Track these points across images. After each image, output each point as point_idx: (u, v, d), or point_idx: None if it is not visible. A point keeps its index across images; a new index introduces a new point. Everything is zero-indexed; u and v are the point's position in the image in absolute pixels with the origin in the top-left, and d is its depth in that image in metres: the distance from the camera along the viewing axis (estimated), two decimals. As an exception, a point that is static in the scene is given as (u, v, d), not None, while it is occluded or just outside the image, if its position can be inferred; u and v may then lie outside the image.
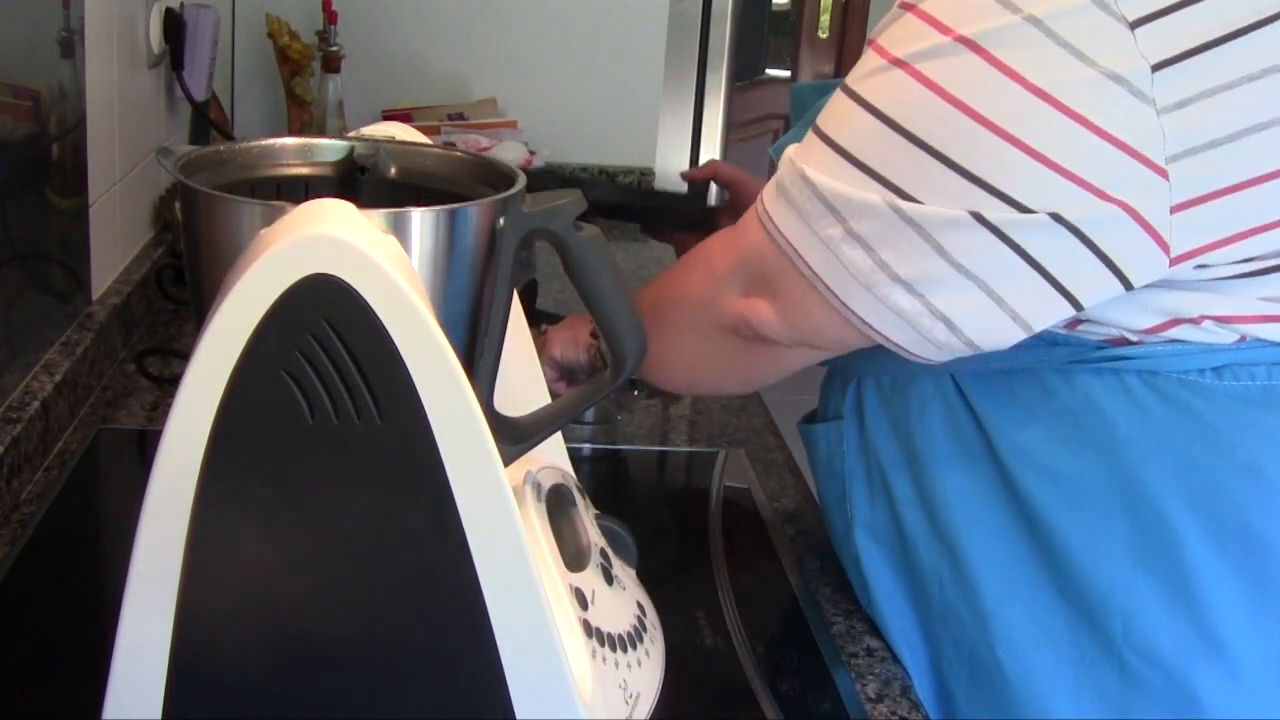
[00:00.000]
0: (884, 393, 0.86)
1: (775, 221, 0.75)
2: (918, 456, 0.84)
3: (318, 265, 0.57)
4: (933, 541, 0.83)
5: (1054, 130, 0.65)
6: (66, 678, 0.78)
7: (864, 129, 0.71)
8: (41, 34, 1.11)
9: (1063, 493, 0.76)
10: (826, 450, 0.92)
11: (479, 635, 0.61)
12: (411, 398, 0.58)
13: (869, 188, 0.70)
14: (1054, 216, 0.67)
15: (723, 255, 0.81)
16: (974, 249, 0.69)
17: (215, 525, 0.59)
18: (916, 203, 0.69)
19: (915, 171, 0.69)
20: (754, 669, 0.85)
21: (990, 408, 0.79)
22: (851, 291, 0.72)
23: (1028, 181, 0.66)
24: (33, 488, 1.02)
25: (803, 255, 0.73)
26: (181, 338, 1.38)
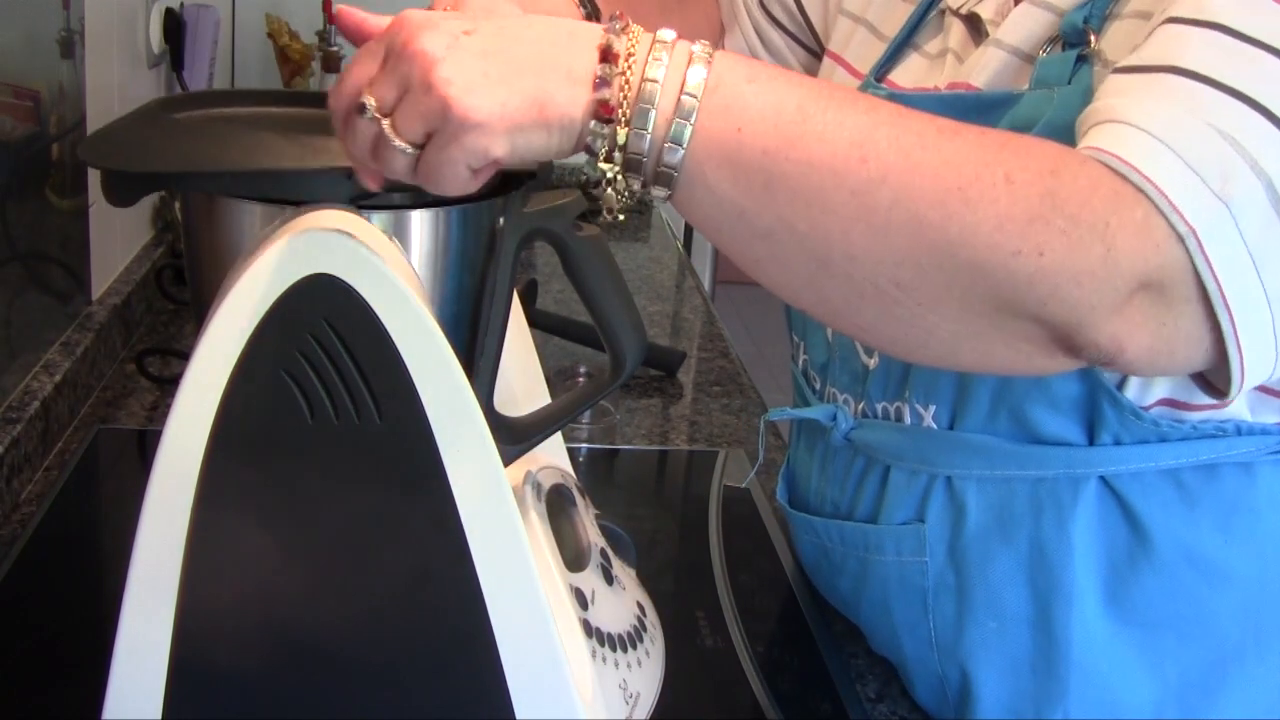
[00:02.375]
0: (991, 495, 0.73)
1: (1198, 231, 0.55)
2: (1048, 571, 0.72)
3: (318, 265, 0.57)
4: (1059, 665, 0.73)
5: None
6: (66, 678, 0.78)
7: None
8: (42, 34, 1.11)
9: (1238, 594, 0.70)
10: (898, 559, 0.78)
11: (479, 635, 0.61)
12: (411, 398, 0.58)
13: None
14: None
15: (1133, 249, 0.54)
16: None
17: (215, 525, 0.59)
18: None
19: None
20: (754, 669, 0.85)
21: (1157, 509, 0.69)
22: (1251, 310, 0.57)
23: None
24: (33, 488, 1.02)
25: (1215, 267, 0.55)
26: (181, 338, 1.38)
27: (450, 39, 0.53)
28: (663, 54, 0.54)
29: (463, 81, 0.53)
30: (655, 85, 0.54)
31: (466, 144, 0.53)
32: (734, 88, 0.54)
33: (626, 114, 0.54)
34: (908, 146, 0.54)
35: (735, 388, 1.37)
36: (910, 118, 0.55)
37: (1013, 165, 0.54)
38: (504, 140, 0.53)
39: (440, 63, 0.53)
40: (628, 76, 0.54)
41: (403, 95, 0.54)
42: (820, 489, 0.85)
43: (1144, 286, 0.55)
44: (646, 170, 0.55)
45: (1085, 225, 0.54)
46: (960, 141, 0.55)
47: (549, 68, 0.54)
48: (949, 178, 0.53)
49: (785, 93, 0.54)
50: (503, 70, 0.53)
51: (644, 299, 1.64)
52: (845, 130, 0.54)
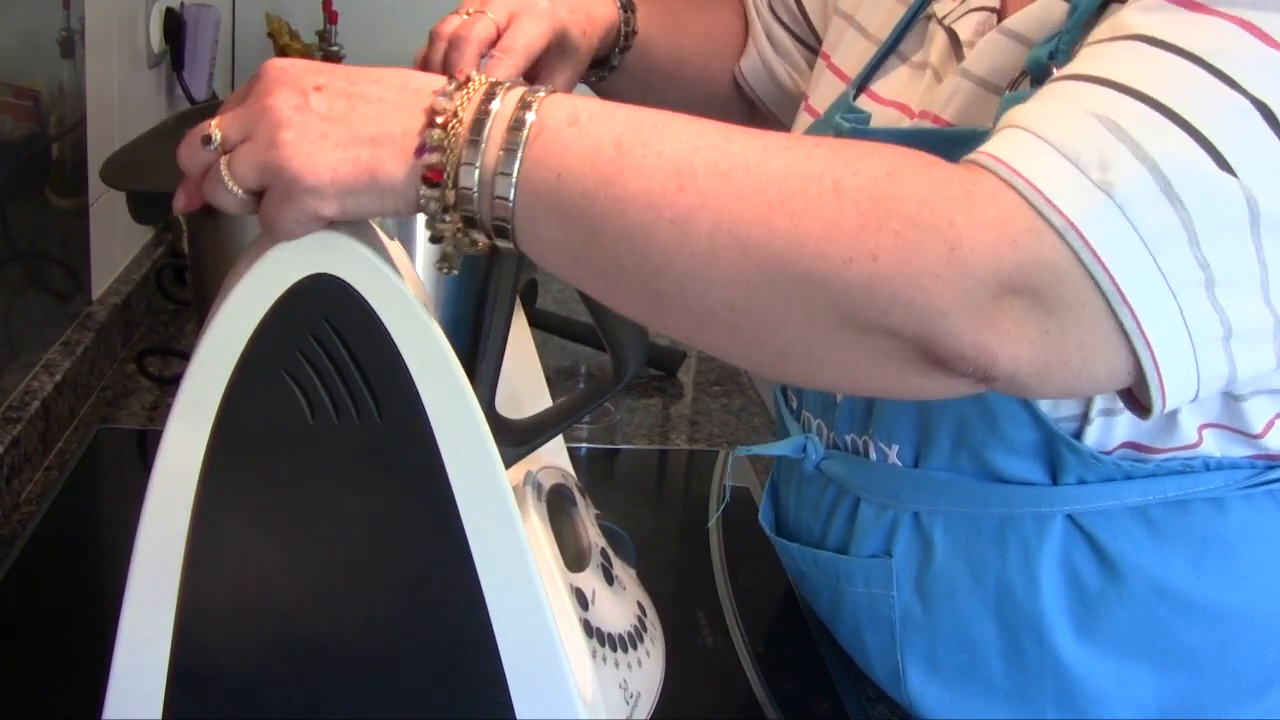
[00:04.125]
0: (957, 532, 0.73)
1: (1078, 224, 0.52)
2: (1015, 607, 0.71)
3: (319, 265, 0.57)
4: (1035, 693, 0.72)
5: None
6: (66, 678, 0.78)
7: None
8: (42, 33, 1.11)
9: (1216, 629, 0.69)
10: (867, 591, 0.78)
11: (479, 635, 0.61)
12: (412, 398, 0.58)
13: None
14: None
15: (984, 247, 0.51)
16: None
17: (215, 525, 0.59)
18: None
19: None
20: (754, 669, 0.85)
21: (1126, 545, 0.69)
22: (1156, 306, 0.53)
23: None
24: (33, 488, 1.02)
25: (1105, 261, 0.52)
26: (182, 337, 1.38)
27: (300, 99, 0.55)
28: (490, 107, 0.55)
29: (301, 144, 0.54)
30: (478, 142, 0.54)
31: (297, 203, 0.55)
32: (555, 133, 0.54)
33: (452, 176, 0.55)
34: (727, 169, 0.53)
35: (735, 387, 1.37)
36: (736, 138, 0.54)
37: (843, 173, 0.53)
38: (334, 203, 0.55)
39: (285, 123, 0.55)
40: (450, 140, 0.54)
41: (244, 141, 0.56)
42: (798, 514, 0.85)
43: (1009, 290, 0.52)
44: (483, 225, 0.56)
45: (924, 226, 0.51)
46: (788, 156, 0.54)
47: (384, 133, 0.55)
48: (771, 194, 0.52)
49: (605, 131, 0.54)
50: (341, 135, 0.55)
51: (644, 299, 1.64)
52: (663, 161, 0.53)
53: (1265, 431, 0.67)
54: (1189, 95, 0.53)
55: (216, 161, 0.56)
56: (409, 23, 2.11)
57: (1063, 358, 0.54)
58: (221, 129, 0.56)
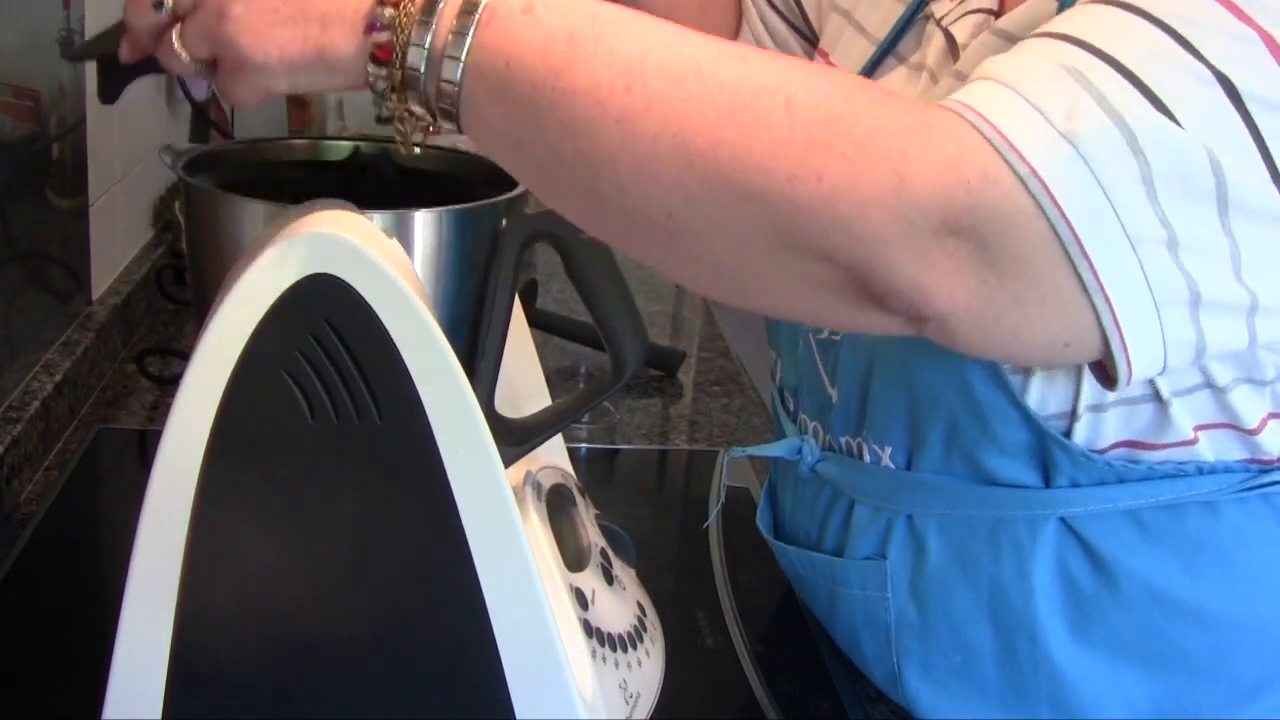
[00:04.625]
0: (951, 534, 0.72)
1: (1040, 171, 0.50)
2: (1009, 609, 0.71)
3: (319, 265, 0.57)
4: (1028, 695, 0.72)
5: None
6: (66, 678, 0.78)
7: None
8: (42, 33, 1.11)
9: (1210, 633, 0.69)
10: (862, 594, 0.77)
11: (479, 635, 0.61)
12: (411, 398, 0.58)
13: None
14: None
15: (934, 182, 0.50)
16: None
17: (215, 525, 0.59)
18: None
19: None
20: (754, 669, 0.85)
21: (1119, 548, 0.68)
22: (1116, 261, 0.52)
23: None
24: (33, 488, 1.02)
25: (1066, 210, 0.51)
26: (182, 337, 1.38)
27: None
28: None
29: (250, 22, 0.55)
30: (428, 24, 0.54)
31: (248, 78, 0.56)
32: (507, 19, 0.54)
33: (400, 55, 0.54)
34: (679, 73, 0.52)
35: (735, 387, 1.37)
36: (692, 41, 0.53)
37: (797, 89, 0.51)
38: (283, 79, 0.56)
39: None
40: (401, 19, 0.54)
41: (196, 7, 0.57)
42: (794, 516, 0.85)
43: (952, 230, 0.50)
44: (429, 106, 0.56)
45: (875, 152, 0.50)
46: (741, 65, 0.53)
47: (334, 10, 0.56)
48: (720, 102, 0.51)
49: (559, 22, 0.53)
50: (290, 10, 0.55)
51: (644, 299, 1.64)
52: (615, 59, 0.52)
53: (1260, 428, 0.67)
54: (1149, 58, 0.53)
55: (169, 27, 0.58)
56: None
57: (997, 310, 0.53)
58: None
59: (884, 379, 0.74)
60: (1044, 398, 0.67)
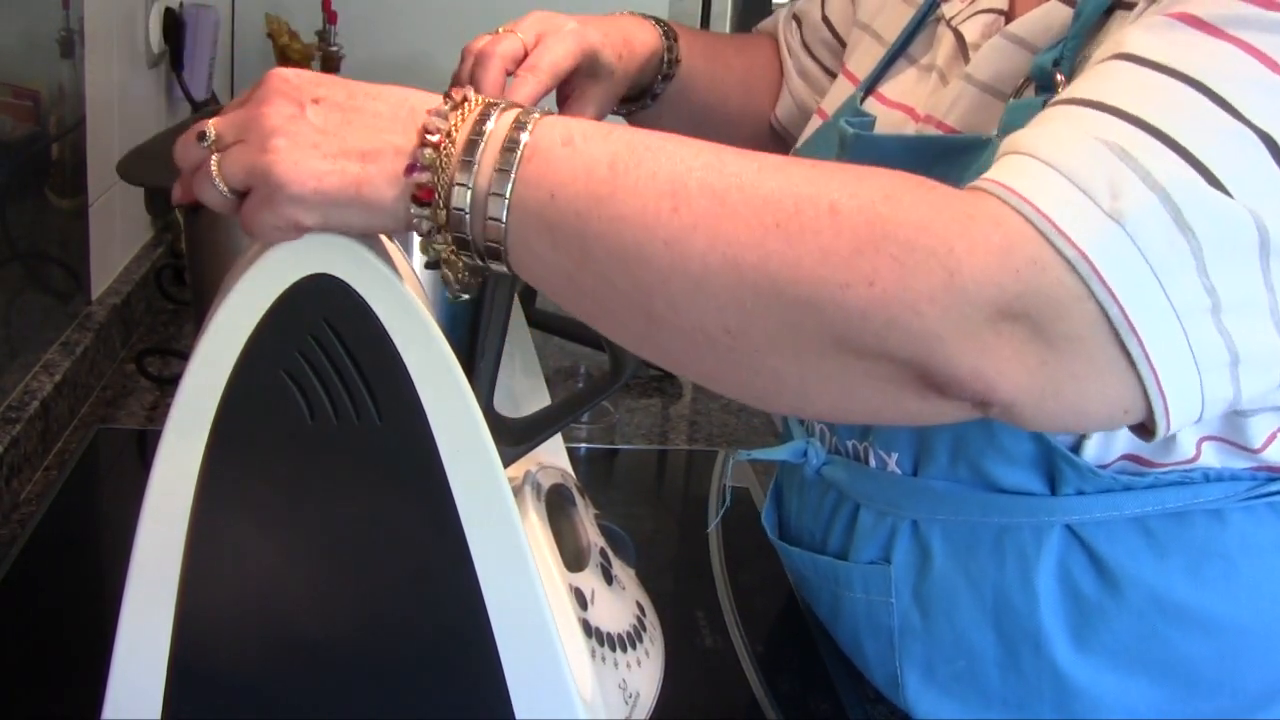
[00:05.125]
0: (956, 540, 0.72)
1: (1089, 254, 0.51)
2: (1013, 617, 0.71)
3: (318, 265, 0.57)
4: (1031, 701, 0.72)
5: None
6: (66, 678, 0.78)
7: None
8: (41, 33, 1.11)
9: (1215, 642, 0.68)
10: (866, 598, 0.77)
11: (479, 635, 0.61)
12: (411, 398, 0.58)
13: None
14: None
15: (984, 275, 0.51)
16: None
17: (215, 525, 0.59)
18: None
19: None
20: (754, 669, 0.85)
21: (1124, 556, 0.68)
22: (1163, 334, 0.53)
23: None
24: (32, 488, 1.02)
25: (1115, 290, 0.51)
26: (181, 337, 1.38)
27: (296, 109, 0.55)
28: (485, 127, 0.55)
29: (291, 152, 0.55)
30: (471, 162, 0.54)
31: (278, 209, 0.55)
32: (549, 153, 0.54)
33: (444, 195, 0.54)
34: (722, 190, 0.53)
35: (735, 388, 1.37)
36: (730, 159, 0.54)
37: (839, 195, 0.52)
38: (316, 213, 0.55)
39: (278, 130, 0.55)
40: (443, 159, 0.54)
41: (238, 143, 0.56)
42: (799, 518, 0.85)
43: (1007, 317, 0.51)
44: (475, 246, 0.56)
45: (923, 250, 0.51)
46: (782, 177, 0.53)
47: (376, 149, 0.55)
48: (766, 215, 0.52)
49: (600, 150, 0.54)
50: (332, 147, 0.55)
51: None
52: (657, 182, 0.53)
53: (1265, 446, 0.67)
54: (1191, 125, 0.53)
55: (208, 159, 0.57)
56: (408, 23, 2.11)
57: (1057, 389, 0.53)
58: (217, 128, 0.57)
59: None
60: None
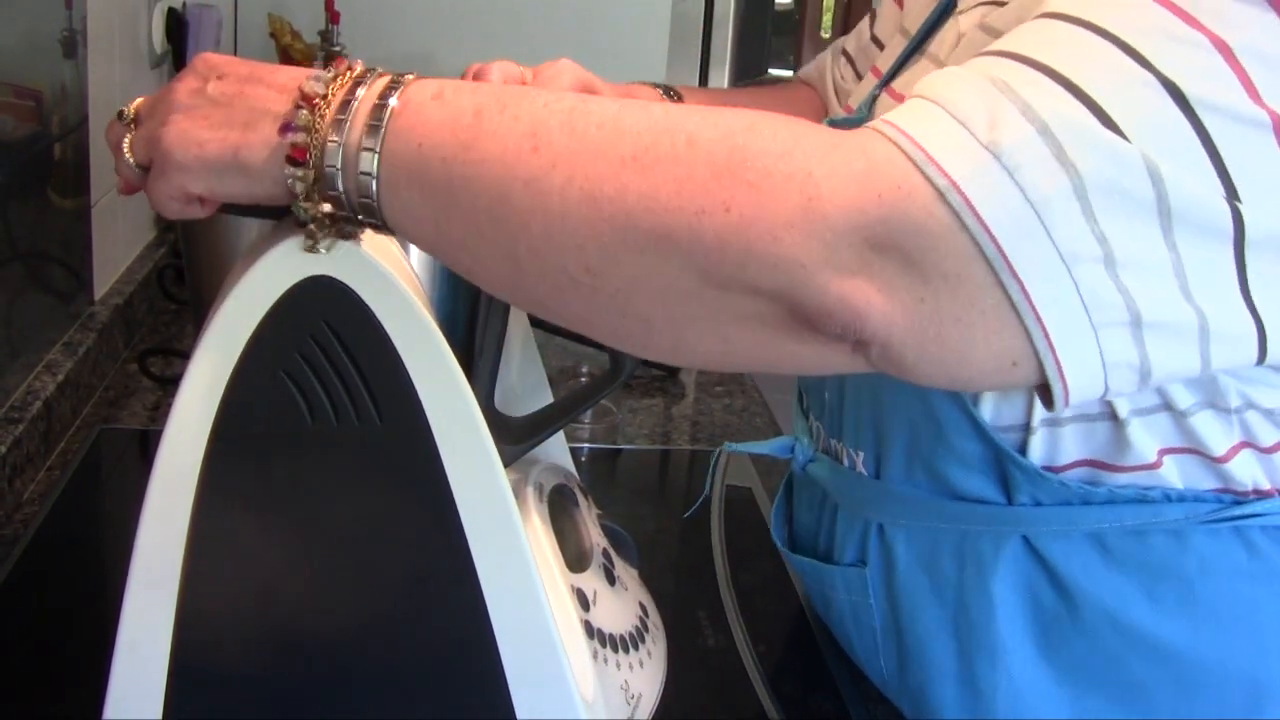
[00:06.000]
0: (919, 545, 0.71)
1: (959, 182, 0.49)
2: (970, 626, 0.69)
3: (317, 267, 0.57)
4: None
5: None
6: (66, 678, 0.78)
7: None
8: (44, 34, 1.11)
9: (1170, 666, 0.66)
10: (849, 599, 0.77)
11: (479, 635, 0.61)
12: (411, 398, 0.58)
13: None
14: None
15: (844, 199, 0.50)
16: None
17: (215, 525, 0.59)
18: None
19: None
20: (756, 669, 0.85)
21: (1079, 571, 0.66)
22: (1047, 279, 0.50)
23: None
24: (35, 487, 1.02)
25: (989, 223, 0.49)
26: (183, 338, 1.38)
27: (199, 83, 0.57)
28: (358, 90, 0.55)
29: (182, 124, 0.56)
30: (343, 120, 0.54)
31: (168, 177, 0.56)
32: (419, 106, 0.54)
33: (317, 155, 0.54)
34: (582, 128, 0.52)
35: (737, 387, 1.37)
36: (594, 103, 0.54)
37: (698, 127, 0.52)
38: (200, 180, 0.56)
39: (176, 104, 0.57)
40: (316, 120, 0.55)
41: (147, 119, 0.59)
42: (798, 517, 0.85)
43: (873, 246, 0.49)
44: (348, 205, 0.55)
45: (779, 175, 0.50)
46: (644, 114, 0.53)
47: (259, 116, 0.56)
48: (624, 149, 0.51)
49: (467, 101, 0.54)
50: (219, 117, 0.56)
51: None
52: (520, 124, 0.53)
53: (1229, 456, 0.65)
54: (1091, 68, 0.51)
55: (121, 137, 0.59)
56: (411, 23, 2.11)
57: (939, 331, 0.51)
58: (134, 107, 0.60)
59: (855, 382, 0.74)
60: (998, 410, 0.66)
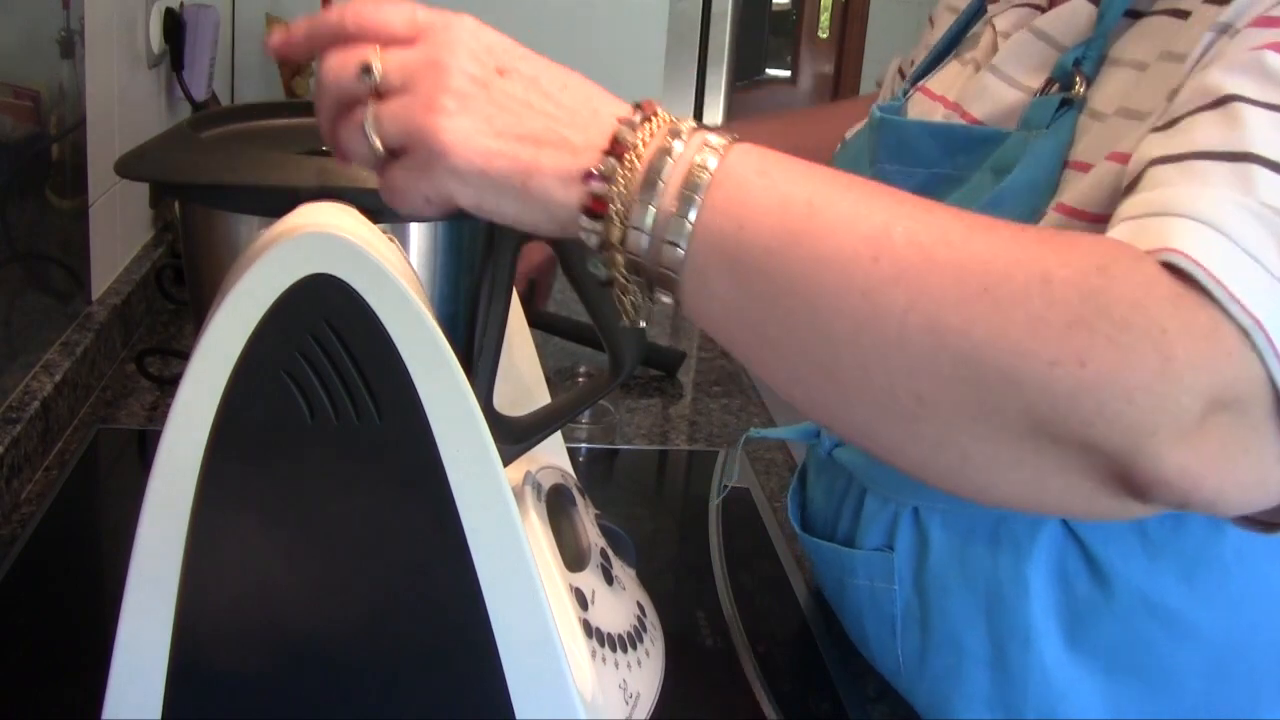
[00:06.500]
0: (954, 529, 0.71)
1: (1262, 319, 0.47)
2: (1004, 610, 0.69)
3: (317, 265, 0.57)
4: (1017, 704, 0.71)
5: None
6: (66, 678, 0.78)
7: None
8: (41, 34, 1.11)
9: (1203, 651, 0.67)
10: (869, 585, 0.77)
11: (479, 635, 0.61)
12: (411, 398, 0.58)
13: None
14: None
15: (1199, 361, 0.47)
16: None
17: (215, 525, 0.59)
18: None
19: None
20: (754, 669, 0.85)
21: (1117, 557, 0.66)
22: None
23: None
24: (33, 488, 1.02)
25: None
26: (182, 338, 1.38)
27: (482, 74, 0.51)
28: (673, 145, 0.51)
29: (463, 120, 0.50)
30: (656, 182, 0.50)
31: (435, 177, 0.51)
32: (741, 181, 0.50)
33: (621, 211, 0.50)
34: (928, 243, 0.48)
35: (735, 387, 1.37)
36: (939, 212, 0.50)
37: (1051, 263, 0.47)
38: (472, 192, 0.51)
39: (454, 90, 0.50)
40: (626, 173, 0.50)
41: (404, 91, 0.51)
42: (814, 502, 0.86)
43: (1217, 405, 0.47)
44: (647, 270, 0.51)
45: (1137, 331, 0.46)
46: (992, 237, 0.49)
47: (556, 141, 0.51)
48: (974, 277, 0.47)
49: (797, 186, 0.50)
50: (509, 125, 0.51)
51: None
52: (859, 226, 0.49)
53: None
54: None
55: (364, 101, 0.51)
56: (409, 23, 2.11)
57: (1262, 477, 0.49)
58: (386, 68, 0.51)
59: None
60: None
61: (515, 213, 0.52)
